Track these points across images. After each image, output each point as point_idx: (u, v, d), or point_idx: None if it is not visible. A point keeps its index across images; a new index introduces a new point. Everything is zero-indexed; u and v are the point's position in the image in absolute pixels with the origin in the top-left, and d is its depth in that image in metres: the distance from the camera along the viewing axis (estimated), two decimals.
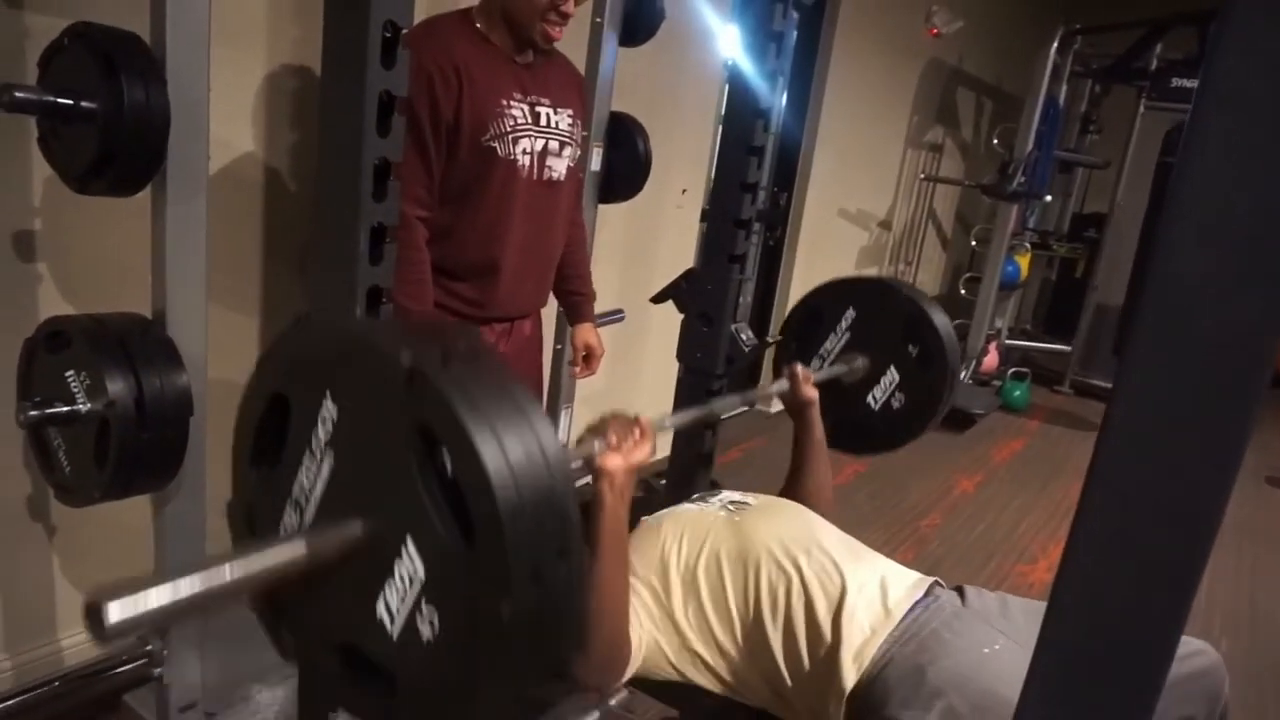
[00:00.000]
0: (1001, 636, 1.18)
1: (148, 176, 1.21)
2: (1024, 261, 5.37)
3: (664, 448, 2.17)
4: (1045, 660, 0.57)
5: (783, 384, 1.63)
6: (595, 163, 2.19)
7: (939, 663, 1.12)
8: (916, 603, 1.22)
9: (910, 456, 4.02)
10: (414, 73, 1.34)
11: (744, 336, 1.91)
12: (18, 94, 1.11)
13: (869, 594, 1.21)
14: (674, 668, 1.25)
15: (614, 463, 1.10)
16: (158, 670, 1.44)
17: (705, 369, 1.91)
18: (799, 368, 1.63)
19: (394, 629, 0.69)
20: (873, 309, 1.79)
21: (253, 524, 0.83)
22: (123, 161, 1.16)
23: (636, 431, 1.16)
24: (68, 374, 1.20)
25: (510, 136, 1.68)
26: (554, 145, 1.77)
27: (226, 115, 1.76)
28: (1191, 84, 4.67)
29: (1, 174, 1.49)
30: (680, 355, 1.95)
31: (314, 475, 0.74)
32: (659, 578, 1.26)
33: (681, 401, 1.97)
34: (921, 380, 1.77)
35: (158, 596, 0.60)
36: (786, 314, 1.96)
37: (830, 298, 1.85)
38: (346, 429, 0.71)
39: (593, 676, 1.16)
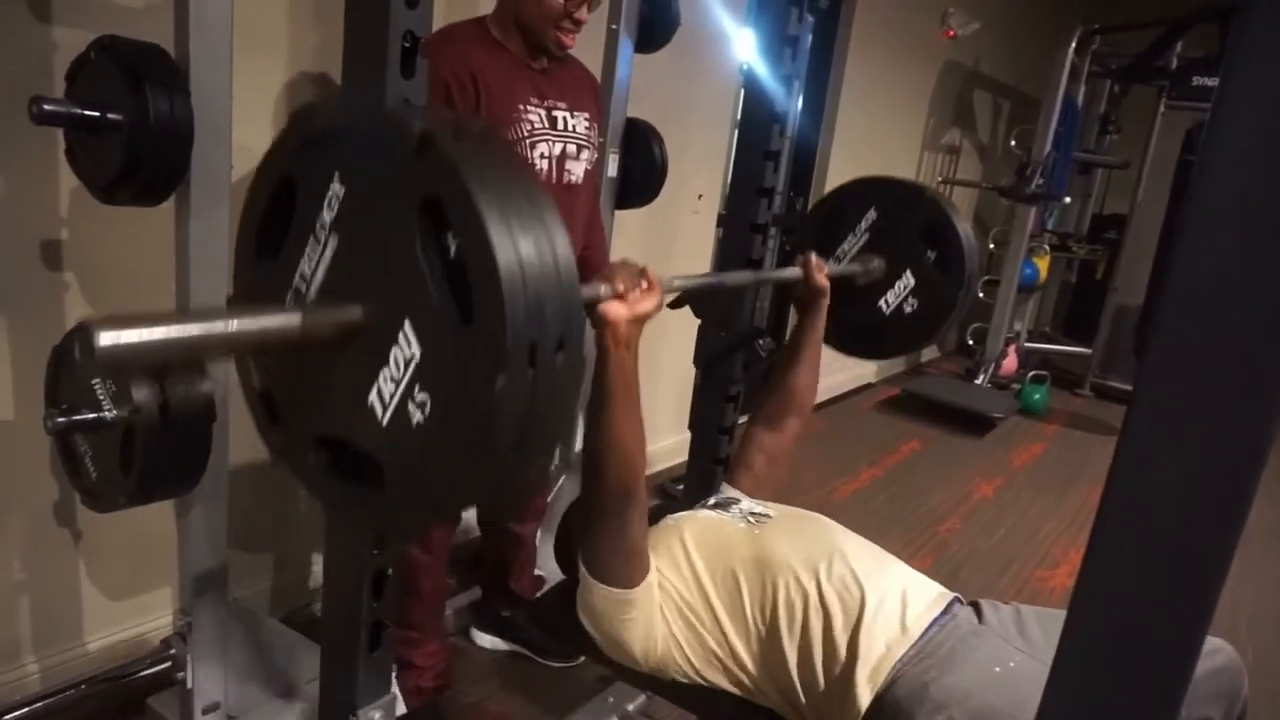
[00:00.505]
0: (1018, 654, 1.17)
1: (172, 186, 1.23)
2: (1043, 264, 5.33)
3: (681, 452, 2.18)
4: (1066, 667, 0.57)
5: (795, 270, 1.58)
6: (612, 169, 2.20)
7: (943, 679, 1.11)
8: (934, 620, 1.21)
9: (929, 461, 4.03)
10: (431, 81, 1.35)
11: (761, 341, 1.90)
12: (46, 106, 1.13)
13: (887, 610, 1.19)
14: (692, 666, 1.24)
15: (618, 311, 1.07)
16: (181, 674, 1.46)
17: (723, 374, 1.91)
18: (814, 255, 1.58)
19: (384, 416, 0.68)
20: (895, 210, 1.75)
21: None
22: (147, 171, 1.18)
23: (644, 282, 1.11)
24: (94, 381, 1.22)
25: (527, 142, 1.70)
26: (571, 149, 1.78)
27: (249, 124, 1.78)
28: (1213, 82, 4.63)
29: (30, 185, 1.51)
30: (697, 361, 1.95)
31: (316, 259, 0.72)
32: (677, 579, 1.26)
33: (698, 406, 1.96)
34: (937, 285, 1.73)
35: (149, 332, 0.59)
36: (807, 212, 1.92)
37: (854, 196, 1.81)
38: (352, 207, 0.69)
39: (605, 524, 1.15)
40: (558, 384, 0.64)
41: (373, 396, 0.69)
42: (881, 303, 1.79)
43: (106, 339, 0.56)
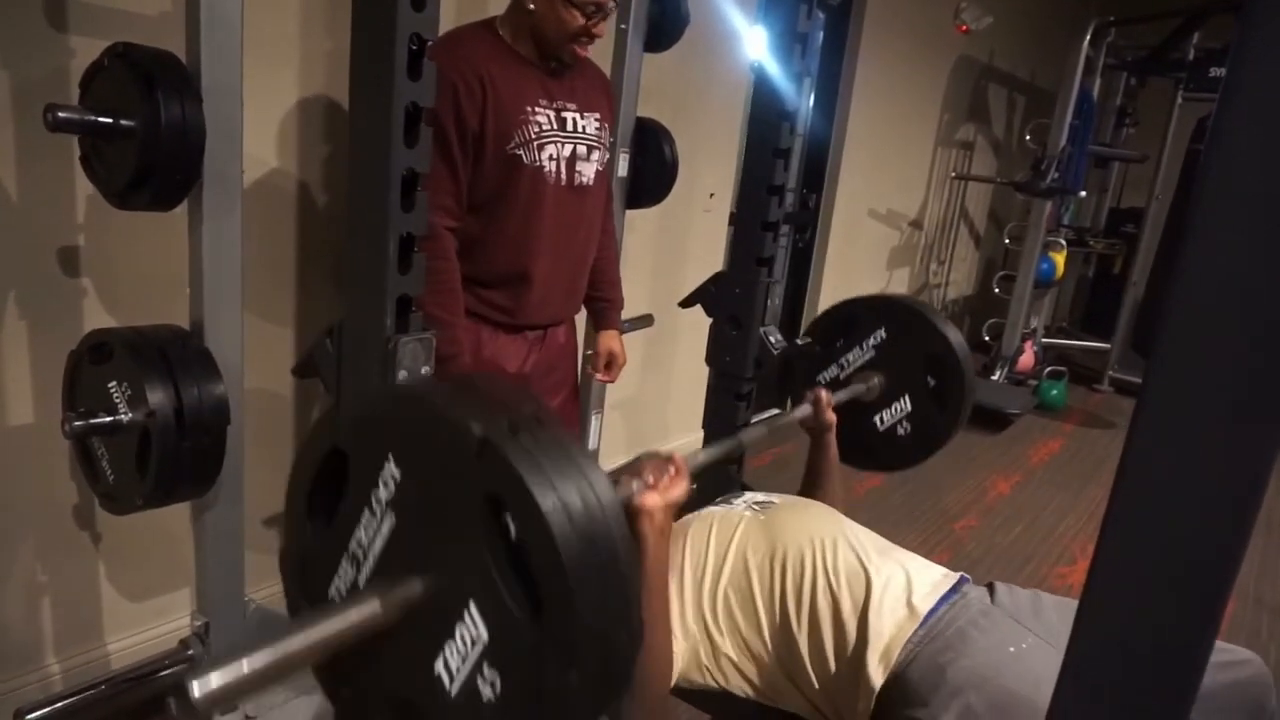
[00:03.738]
0: (1030, 635, 1.16)
1: (185, 191, 1.24)
2: (1059, 259, 5.29)
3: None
4: (1078, 659, 0.57)
5: (806, 409, 1.66)
6: (622, 169, 2.20)
7: (959, 661, 1.12)
8: (942, 599, 1.21)
9: (945, 458, 3.98)
10: (439, 84, 1.36)
11: (773, 339, 1.90)
12: (60, 114, 1.14)
13: (894, 591, 1.20)
14: (708, 673, 1.25)
15: (653, 501, 1.13)
16: None
17: (735, 373, 1.91)
18: (823, 393, 1.66)
19: (453, 688, 0.70)
20: (905, 334, 1.79)
21: (305, 574, 0.84)
22: (161, 177, 1.19)
23: (671, 469, 1.18)
24: (110, 385, 1.23)
25: (535, 144, 1.70)
26: (582, 150, 1.78)
27: (261, 130, 1.80)
28: None
29: (46, 191, 1.53)
30: (709, 359, 1.95)
31: (373, 532, 0.75)
32: (687, 581, 1.27)
33: (711, 405, 1.97)
34: (931, 416, 1.78)
35: (238, 669, 0.62)
36: (819, 314, 1.95)
37: (867, 311, 1.85)
38: (410, 491, 0.72)
39: (641, 710, 1.17)
40: (625, 658, 0.69)
41: (439, 666, 0.71)
42: (876, 419, 1.83)
43: (199, 690, 0.59)
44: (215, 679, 0.60)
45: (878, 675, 1.14)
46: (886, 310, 1.83)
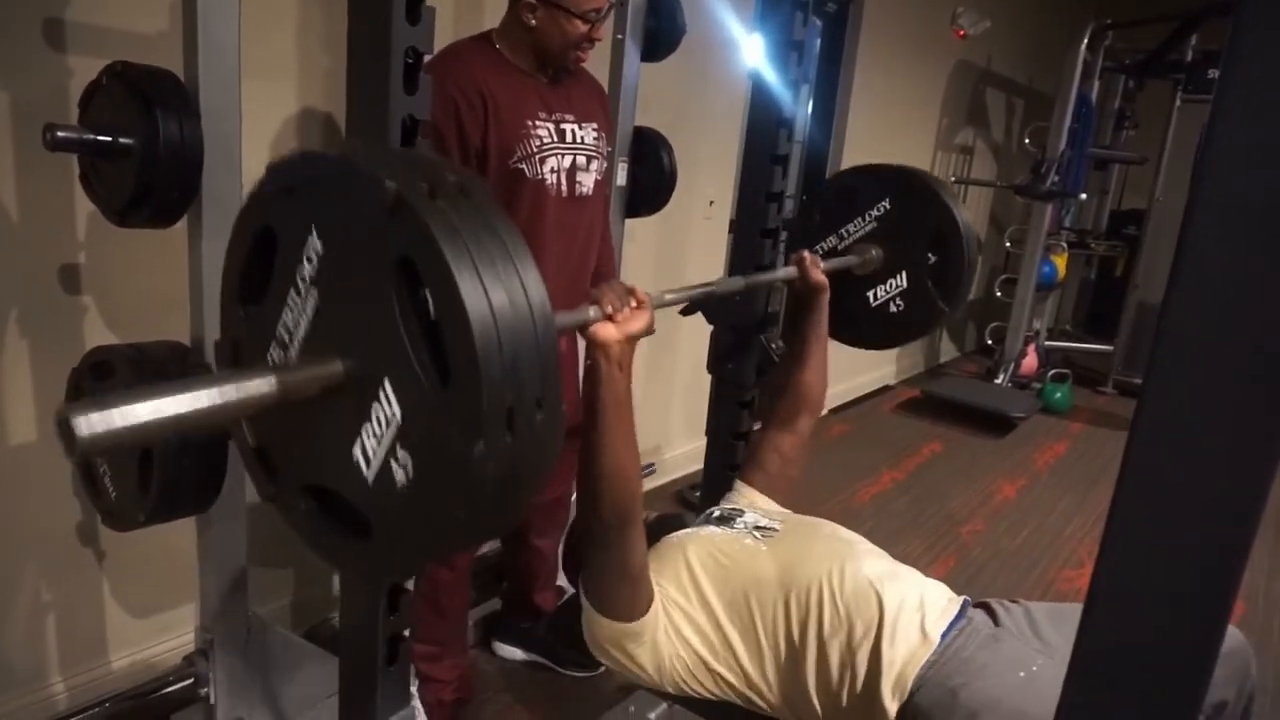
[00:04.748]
0: (1040, 656, 1.15)
1: (184, 209, 1.25)
2: (1061, 261, 5.29)
3: (696, 460, 2.17)
4: (1083, 663, 0.57)
5: (790, 270, 1.58)
6: (621, 178, 2.21)
7: (971, 685, 1.10)
8: (951, 624, 1.19)
9: (950, 462, 3.99)
10: (439, 100, 1.36)
11: (774, 346, 1.89)
12: (60, 133, 1.15)
13: (907, 617, 1.17)
14: (704, 687, 1.23)
15: (609, 332, 1.08)
16: (204, 690, 1.47)
17: (736, 380, 1.90)
18: (807, 254, 1.57)
19: (369, 473, 0.69)
20: (910, 208, 1.71)
21: (239, 362, 0.82)
22: (160, 195, 1.20)
23: (633, 301, 1.12)
24: None
25: (537, 157, 1.70)
26: (581, 160, 1.79)
27: (259, 146, 1.81)
28: None
29: (46, 210, 1.54)
30: (710, 367, 1.94)
31: (298, 313, 0.72)
32: (685, 603, 1.24)
33: (716, 414, 1.96)
34: (928, 295, 1.71)
35: (129, 413, 0.57)
36: (825, 179, 1.89)
37: (872, 181, 1.77)
38: (331, 264, 0.69)
39: (606, 554, 1.13)
40: (537, 443, 0.65)
41: (357, 452, 0.69)
42: (870, 294, 1.77)
43: (85, 428, 0.55)
44: (102, 420, 0.56)
45: (892, 705, 1.12)
46: (895, 180, 1.76)
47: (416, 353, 0.64)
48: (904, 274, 1.73)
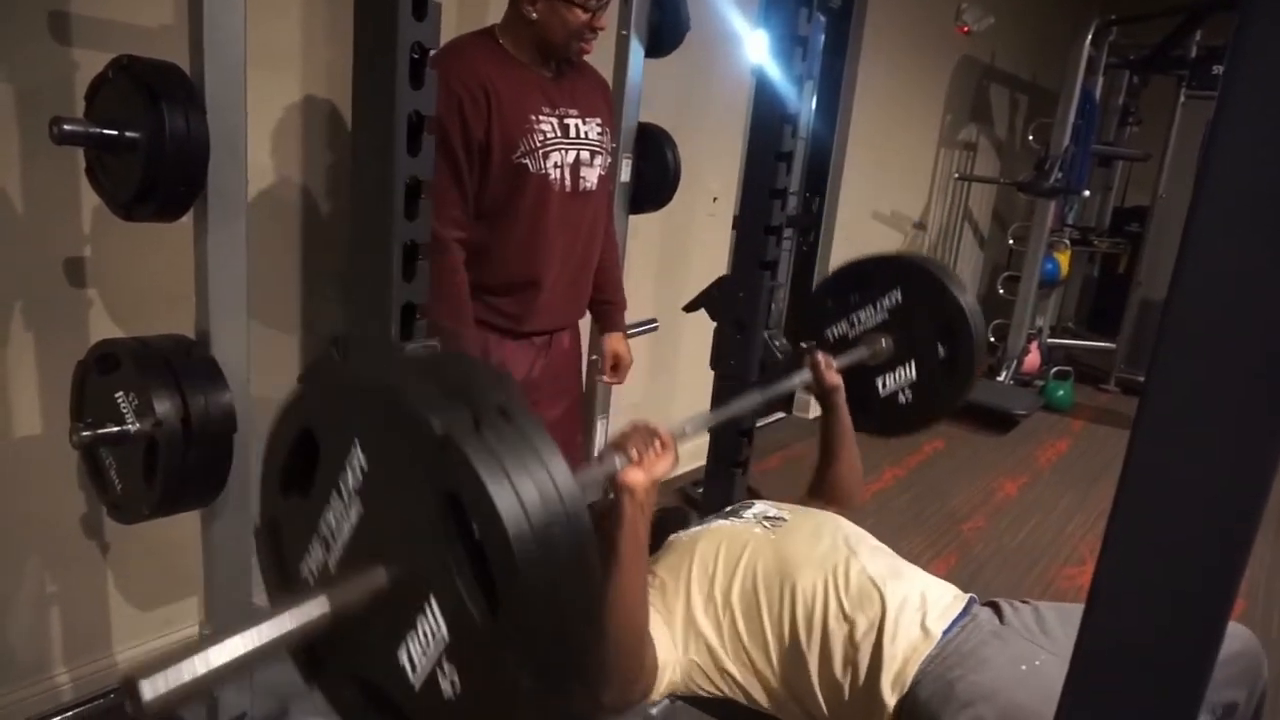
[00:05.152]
0: (1043, 652, 1.16)
1: (189, 202, 1.25)
2: (1064, 258, 5.28)
3: (700, 456, 2.18)
4: (1084, 662, 0.57)
5: (806, 374, 1.60)
6: (625, 174, 2.21)
7: (969, 677, 1.11)
8: (954, 621, 1.20)
9: (951, 459, 3.99)
10: (443, 95, 1.35)
11: (777, 343, 1.90)
12: (66, 126, 1.15)
13: (909, 613, 1.18)
14: (712, 685, 1.24)
15: (635, 477, 1.10)
16: None
17: (739, 376, 1.91)
18: (820, 356, 1.59)
19: (415, 679, 0.70)
20: (920, 299, 1.73)
21: (279, 549, 0.84)
22: (165, 188, 1.20)
23: (657, 443, 1.15)
24: (117, 395, 1.24)
25: (541, 152, 1.70)
26: (585, 155, 1.79)
27: (264, 139, 1.81)
28: None
29: (52, 203, 1.54)
30: (714, 363, 1.95)
31: (342, 517, 0.75)
32: (694, 596, 1.25)
33: (717, 409, 1.96)
34: (936, 388, 1.72)
35: (190, 670, 0.60)
36: (837, 267, 1.90)
37: (885, 269, 1.79)
38: (376, 480, 0.72)
39: (613, 693, 1.14)
40: (583, 660, 0.70)
41: (403, 655, 0.71)
42: (879, 382, 1.78)
43: (150, 691, 0.58)
44: (164, 681, 0.58)
45: (891, 699, 1.13)
46: (905, 271, 1.77)
47: (463, 578, 0.66)
48: (913, 365, 1.75)
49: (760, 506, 1.42)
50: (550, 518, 0.64)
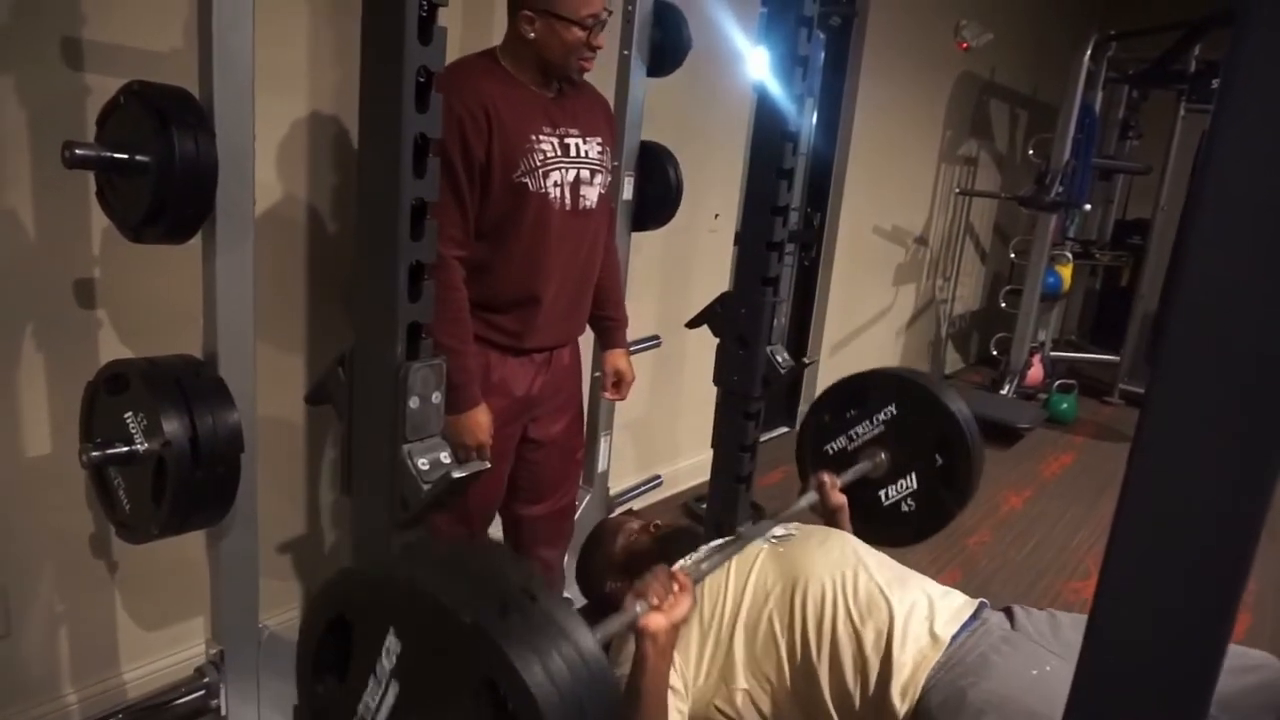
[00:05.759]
0: (1054, 658, 1.16)
1: (198, 224, 1.26)
2: (1066, 272, 5.28)
3: (704, 471, 2.18)
4: (1089, 672, 0.57)
5: (812, 496, 1.67)
6: (627, 192, 2.22)
7: (981, 684, 1.11)
8: (964, 626, 1.20)
9: None
10: (445, 115, 1.37)
11: (780, 358, 1.91)
12: (78, 151, 1.17)
13: (917, 619, 1.20)
14: (730, 706, 1.25)
15: (657, 623, 1.15)
16: (215, 701, 1.48)
17: (742, 391, 1.91)
18: (827, 476, 1.66)
19: None
20: (915, 412, 1.79)
21: None
22: (174, 211, 1.22)
23: (676, 586, 1.20)
24: (126, 415, 1.25)
25: (541, 171, 1.72)
26: (585, 174, 1.81)
27: (271, 161, 1.83)
28: None
29: (63, 225, 1.56)
30: (717, 379, 1.96)
31: (379, 699, 0.78)
32: (706, 618, 1.26)
33: (721, 426, 1.97)
34: (937, 496, 1.77)
35: None
36: (832, 384, 1.98)
37: (879, 385, 1.86)
38: (410, 664, 0.75)
39: None
40: None
41: None
42: (882, 494, 1.84)
43: None
44: None
45: (902, 707, 1.14)
46: (898, 386, 1.84)
47: None
48: (913, 475, 1.81)
49: (765, 523, 1.44)
50: (578, 686, 0.69)
